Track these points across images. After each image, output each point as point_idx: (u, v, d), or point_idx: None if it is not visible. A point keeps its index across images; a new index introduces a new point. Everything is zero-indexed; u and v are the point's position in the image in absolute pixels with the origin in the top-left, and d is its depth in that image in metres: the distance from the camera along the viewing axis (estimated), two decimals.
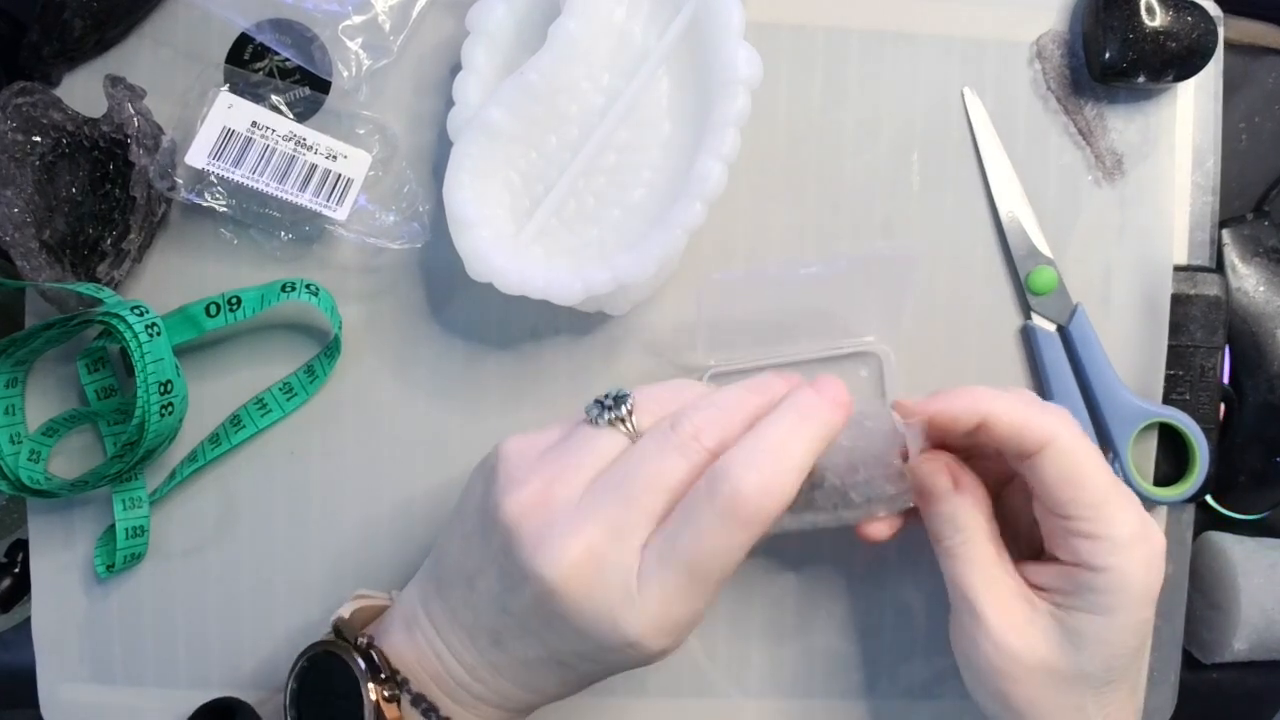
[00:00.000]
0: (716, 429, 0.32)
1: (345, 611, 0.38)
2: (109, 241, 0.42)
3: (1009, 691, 0.35)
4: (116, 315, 0.40)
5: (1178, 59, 0.43)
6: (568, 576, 0.31)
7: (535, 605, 0.32)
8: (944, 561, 0.37)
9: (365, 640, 0.36)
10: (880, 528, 0.38)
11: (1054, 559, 0.36)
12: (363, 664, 0.35)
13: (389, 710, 0.34)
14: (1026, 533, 0.38)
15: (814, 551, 0.46)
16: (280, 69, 0.44)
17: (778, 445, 0.31)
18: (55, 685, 0.46)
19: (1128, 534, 0.34)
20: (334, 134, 0.43)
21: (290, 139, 0.42)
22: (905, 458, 0.36)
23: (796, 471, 0.31)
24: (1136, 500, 0.35)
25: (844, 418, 0.33)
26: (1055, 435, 0.34)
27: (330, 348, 0.44)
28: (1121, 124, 0.46)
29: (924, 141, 0.46)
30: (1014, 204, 0.46)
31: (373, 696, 0.34)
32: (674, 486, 0.32)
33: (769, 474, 0.31)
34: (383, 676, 0.34)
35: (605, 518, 0.31)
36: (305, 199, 0.42)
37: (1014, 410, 0.35)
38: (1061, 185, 0.46)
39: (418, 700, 0.35)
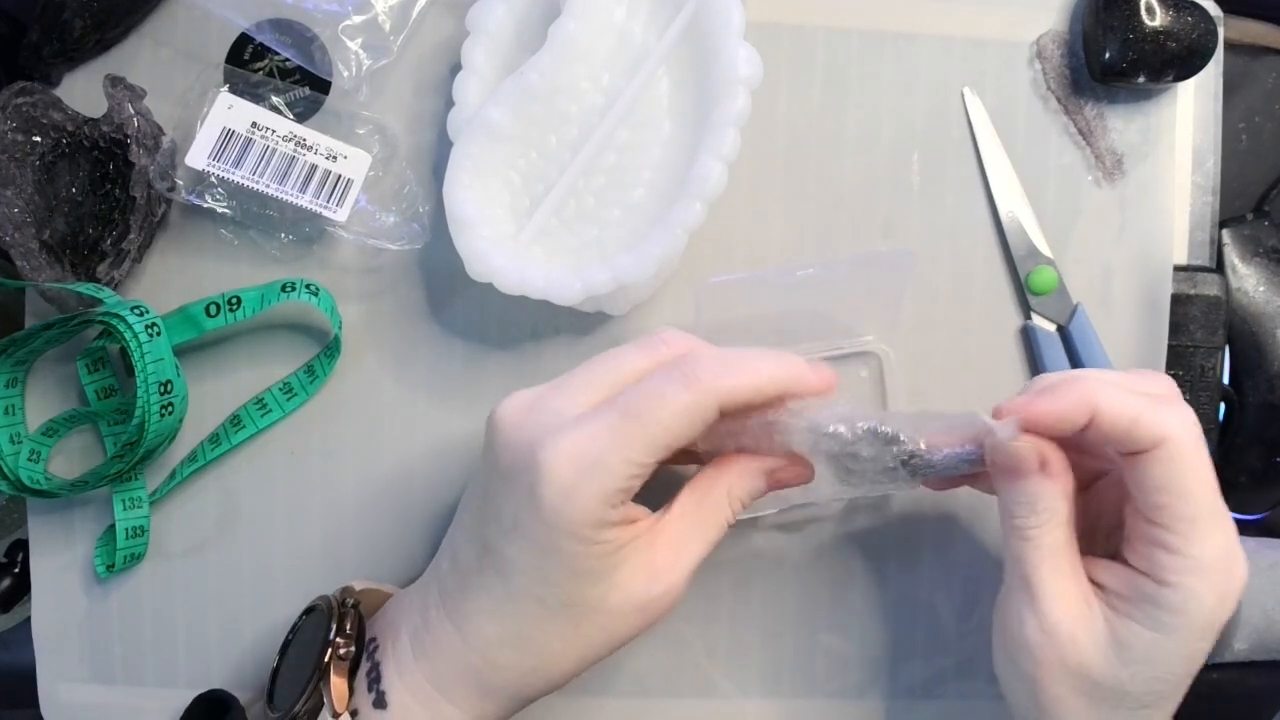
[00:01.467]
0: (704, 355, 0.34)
1: (359, 584, 0.40)
2: (109, 241, 0.42)
3: (1040, 680, 0.34)
4: (116, 315, 0.40)
5: (1178, 59, 0.43)
6: (499, 414, 0.34)
7: (484, 459, 0.34)
8: (1011, 539, 0.35)
9: (352, 600, 0.37)
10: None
11: (1124, 561, 0.34)
12: (334, 624, 0.36)
13: (337, 670, 0.35)
14: (1105, 533, 0.37)
15: (814, 551, 0.46)
16: (280, 69, 0.44)
17: (750, 355, 0.33)
18: (55, 685, 0.46)
19: (1211, 558, 0.32)
20: (334, 134, 0.43)
21: (290, 139, 0.42)
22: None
23: (758, 376, 0.32)
24: (1232, 525, 0.33)
25: (825, 382, 0.34)
26: (1169, 437, 0.32)
27: (330, 348, 0.44)
28: (1121, 124, 0.46)
29: (924, 141, 0.46)
30: (1014, 204, 0.46)
31: (326, 657, 0.35)
32: (632, 367, 0.34)
33: (733, 365, 0.32)
34: (349, 633, 0.36)
35: (555, 380, 0.34)
36: (305, 200, 0.42)
37: (1127, 405, 0.32)
38: (1061, 185, 0.46)
39: (371, 670, 0.36)
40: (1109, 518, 0.37)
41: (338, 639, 0.36)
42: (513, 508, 0.32)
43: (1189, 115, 0.47)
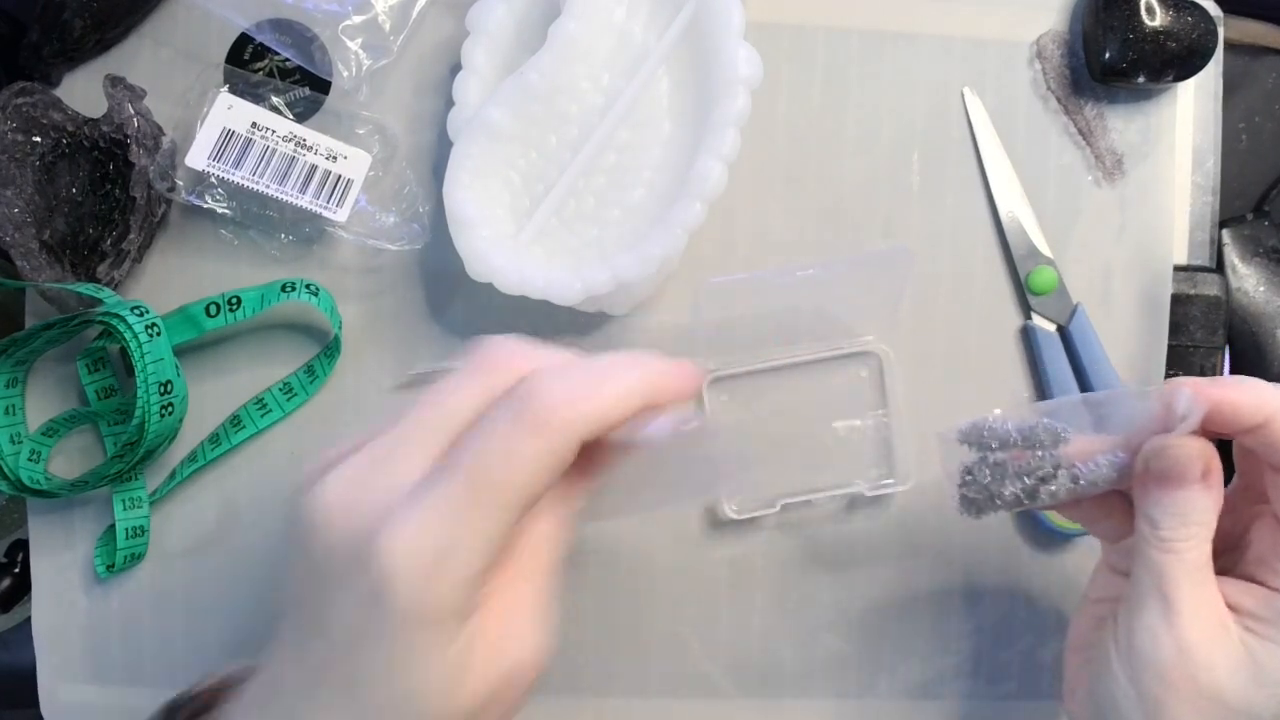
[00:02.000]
0: (529, 362, 0.28)
1: (210, 680, 0.35)
2: (109, 242, 0.42)
3: (1165, 702, 0.32)
4: (116, 315, 0.40)
5: (1178, 59, 0.43)
6: (317, 504, 0.27)
7: (293, 551, 0.28)
8: (1152, 551, 0.32)
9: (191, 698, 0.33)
10: None
11: (1263, 582, 0.33)
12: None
13: None
14: (1242, 550, 0.35)
15: (814, 551, 0.46)
16: (280, 69, 0.44)
17: (599, 369, 0.27)
18: (55, 685, 0.46)
19: None
20: (334, 134, 0.43)
21: (290, 140, 0.42)
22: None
23: (615, 397, 0.27)
24: None
25: (689, 383, 0.29)
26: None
27: (330, 348, 0.44)
28: (1121, 124, 0.46)
29: (924, 141, 0.46)
30: (1014, 204, 0.46)
31: None
32: (465, 407, 0.27)
33: (579, 384, 0.26)
34: None
35: (376, 441, 0.27)
36: (305, 200, 0.42)
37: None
38: (1061, 185, 0.46)
39: None
40: (1227, 538, 0.35)
41: None
42: (348, 619, 0.26)
43: (1189, 115, 0.47)
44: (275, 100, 0.43)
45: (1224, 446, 0.33)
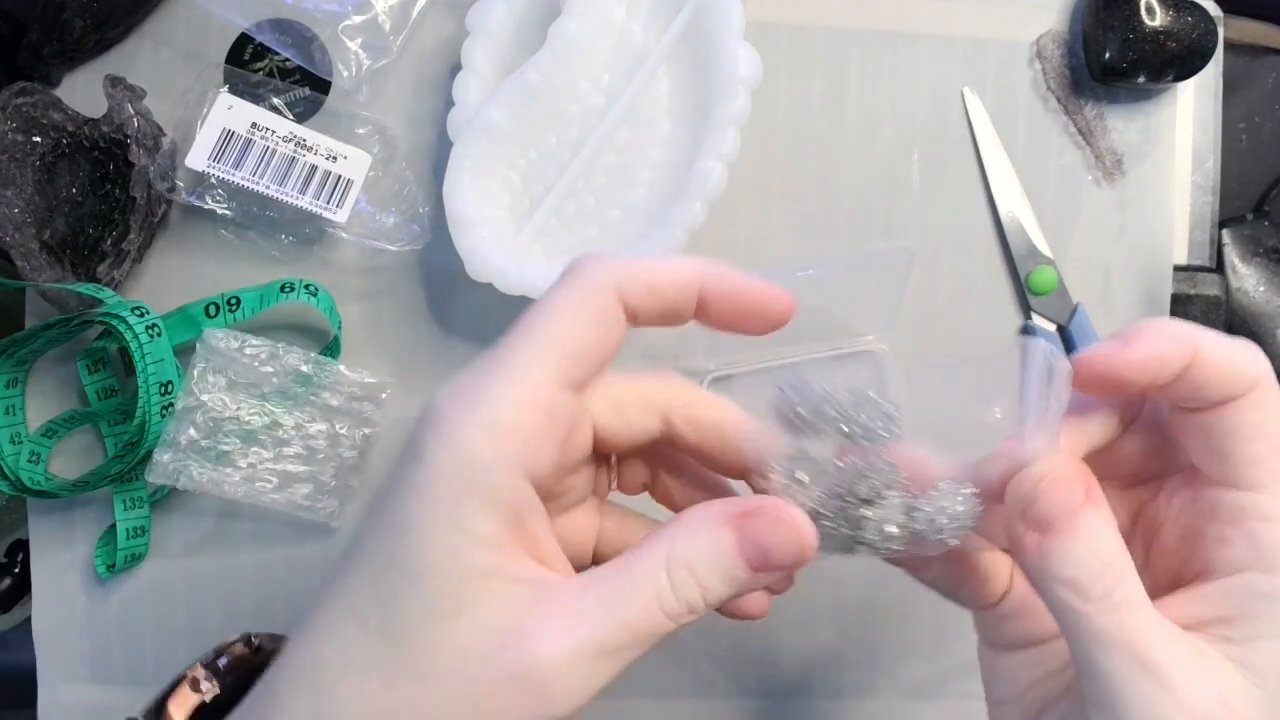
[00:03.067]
0: None
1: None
2: (109, 242, 0.42)
3: None
4: (117, 316, 0.40)
5: (1178, 59, 0.43)
6: (428, 411, 0.23)
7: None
8: (1089, 621, 0.24)
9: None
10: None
11: (1207, 578, 0.26)
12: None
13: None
14: (1157, 546, 0.28)
15: None
16: (280, 69, 0.44)
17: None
18: (55, 685, 0.46)
19: None
20: (334, 134, 0.43)
21: (290, 140, 0.42)
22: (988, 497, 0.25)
23: (664, 267, 0.25)
24: None
25: (775, 302, 0.26)
26: (1262, 376, 0.25)
27: (330, 348, 0.44)
28: (1121, 124, 0.46)
29: (924, 141, 0.46)
30: (1014, 204, 0.46)
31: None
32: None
33: (628, 258, 0.25)
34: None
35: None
36: (305, 201, 0.42)
37: (1221, 339, 0.25)
38: (1061, 185, 0.46)
39: None
40: (1155, 541, 0.29)
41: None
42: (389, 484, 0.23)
43: (1189, 115, 0.47)
44: (275, 100, 0.43)
45: None
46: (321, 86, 0.44)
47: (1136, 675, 0.24)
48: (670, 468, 0.29)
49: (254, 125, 0.42)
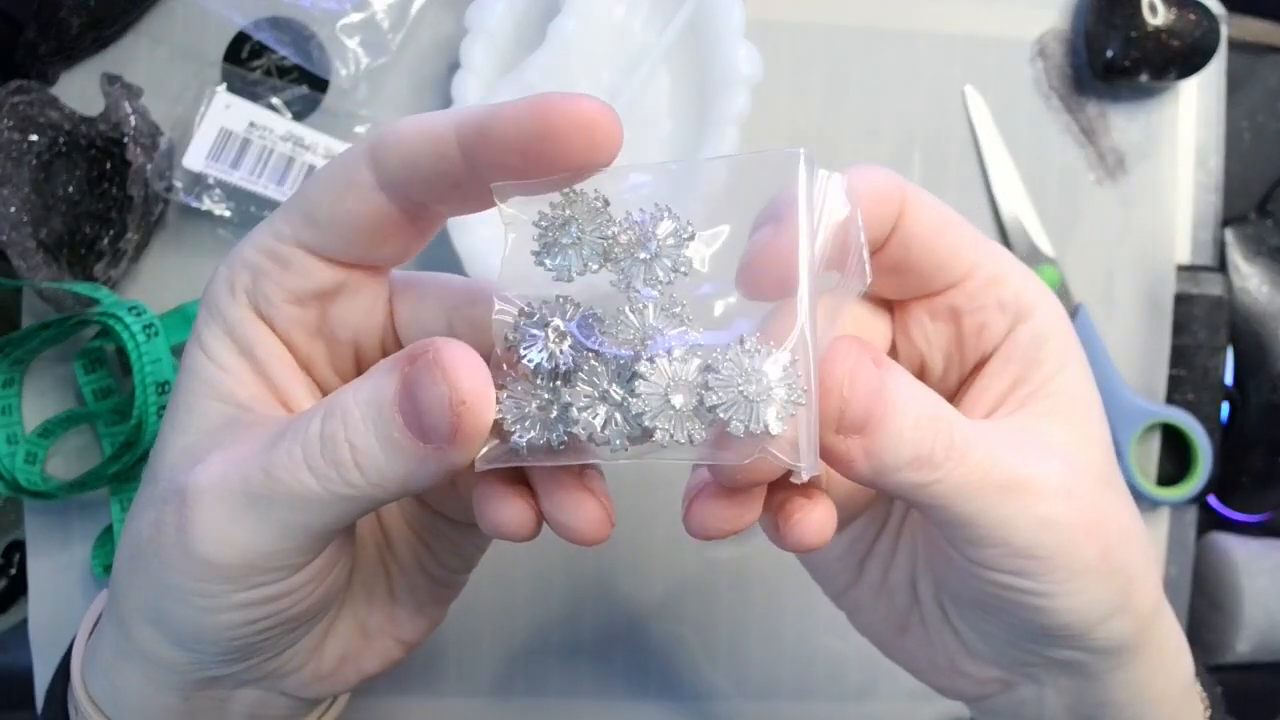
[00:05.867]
0: None
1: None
2: (106, 241, 0.42)
3: (1077, 552, 0.23)
4: (114, 315, 0.40)
5: (1180, 57, 0.43)
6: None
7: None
8: (942, 484, 0.22)
9: None
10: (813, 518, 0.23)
11: (985, 362, 0.26)
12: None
13: None
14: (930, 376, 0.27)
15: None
16: (278, 67, 0.44)
17: None
18: None
19: (1031, 287, 0.26)
20: (332, 133, 0.43)
21: (288, 139, 0.42)
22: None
23: (425, 121, 0.21)
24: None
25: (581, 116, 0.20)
26: (900, 183, 0.25)
27: None
28: (1124, 122, 0.46)
29: (925, 140, 0.46)
30: (1016, 203, 0.45)
31: None
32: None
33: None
34: None
35: None
36: None
37: (859, 177, 0.25)
38: (1063, 184, 0.46)
39: None
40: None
41: None
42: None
43: (1192, 114, 0.46)
44: (273, 99, 0.43)
45: None
46: (319, 85, 0.44)
47: (1005, 501, 0.22)
48: None
49: (251, 124, 0.42)
